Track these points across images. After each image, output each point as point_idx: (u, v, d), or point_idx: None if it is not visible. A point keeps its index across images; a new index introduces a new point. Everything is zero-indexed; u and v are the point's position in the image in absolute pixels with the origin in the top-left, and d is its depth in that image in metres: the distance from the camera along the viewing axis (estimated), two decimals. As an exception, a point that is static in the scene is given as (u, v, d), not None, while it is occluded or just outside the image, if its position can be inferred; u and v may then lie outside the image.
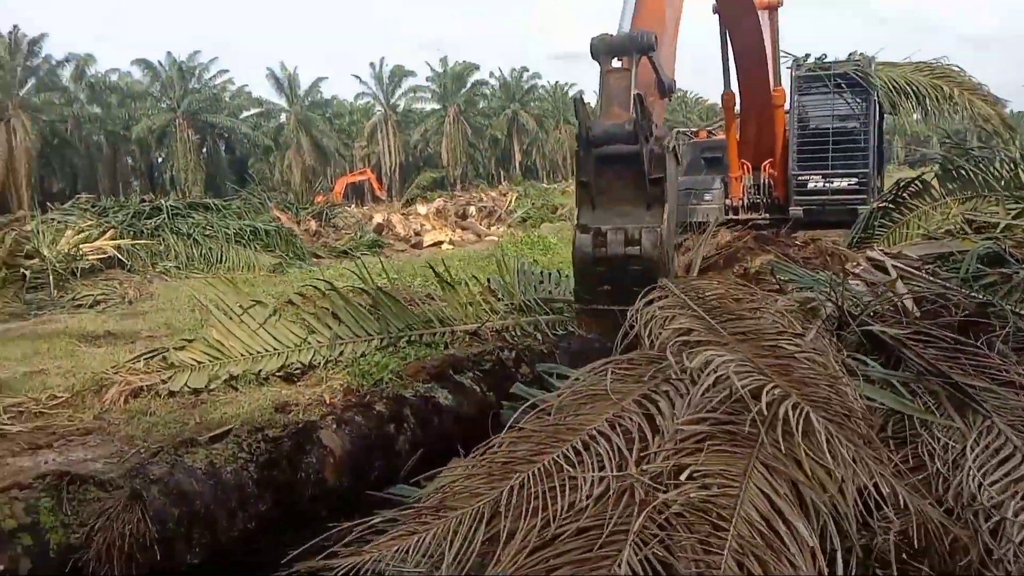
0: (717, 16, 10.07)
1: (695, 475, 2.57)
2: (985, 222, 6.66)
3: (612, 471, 2.67)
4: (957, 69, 11.01)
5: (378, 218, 24.86)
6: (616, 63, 4.78)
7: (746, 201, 11.46)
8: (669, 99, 5.25)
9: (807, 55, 11.11)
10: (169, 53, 62.85)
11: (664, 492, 2.55)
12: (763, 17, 9.73)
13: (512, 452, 2.93)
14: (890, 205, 8.81)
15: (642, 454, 2.79)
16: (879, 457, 2.78)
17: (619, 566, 2.28)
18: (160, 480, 2.81)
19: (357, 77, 76.48)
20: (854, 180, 10.46)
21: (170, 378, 6.34)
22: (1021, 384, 3.54)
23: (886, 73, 10.63)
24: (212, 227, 16.83)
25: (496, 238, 21.96)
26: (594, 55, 4.78)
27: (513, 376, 4.60)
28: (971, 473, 2.83)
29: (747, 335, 3.72)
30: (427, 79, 76.11)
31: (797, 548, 2.33)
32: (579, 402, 3.29)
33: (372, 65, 75.05)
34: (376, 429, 3.69)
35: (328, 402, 5.75)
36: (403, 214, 25.89)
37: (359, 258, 18.10)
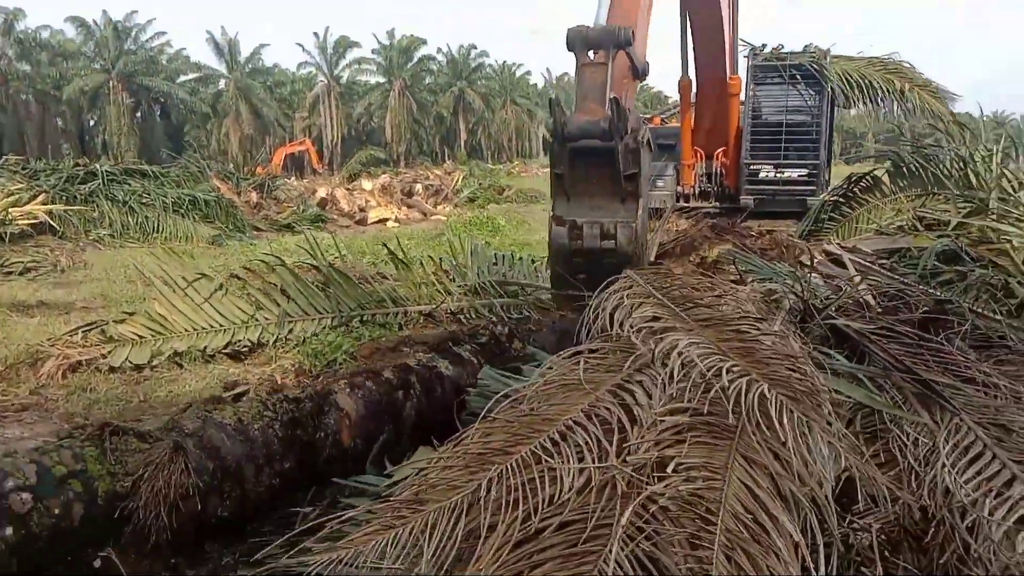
0: (679, 2, 10.04)
1: (679, 467, 2.52)
2: (936, 219, 6.79)
3: (593, 462, 2.61)
4: (908, 65, 11.26)
5: (322, 192, 24.37)
6: (592, 55, 4.73)
7: (697, 189, 11.52)
8: (642, 80, 5.19)
9: (764, 45, 11.18)
10: (104, 11, 60.50)
11: (647, 485, 2.50)
12: (723, 5, 9.75)
13: (487, 443, 2.84)
14: (841, 199, 8.95)
15: (622, 445, 2.74)
16: (853, 444, 2.82)
17: (606, 562, 2.22)
18: (194, 434, 2.91)
19: (300, 46, 75.09)
20: (805, 171, 10.60)
21: (110, 352, 6.09)
22: (983, 382, 3.60)
23: (841, 67, 10.78)
24: (149, 195, 16.26)
25: (443, 217, 21.76)
26: (570, 47, 4.73)
27: (507, 350, 4.65)
28: (945, 470, 2.85)
29: (711, 321, 3.73)
30: (373, 51, 74.92)
31: (783, 542, 2.30)
32: (553, 391, 3.22)
33: (316, 34, 73.40)
34: (386, 395, 3.74)
35: (279, 382, 5.59)
36: (348, 189, 25.42)
37: (304, 233, 17.83)
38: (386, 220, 21.17)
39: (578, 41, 4.65)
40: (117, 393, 5.36)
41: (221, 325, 6.61)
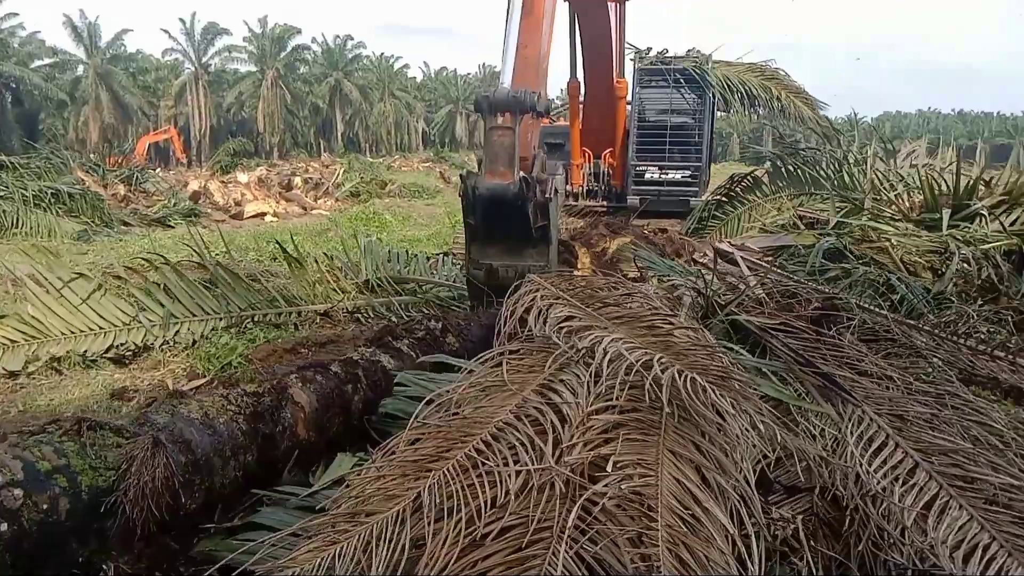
0: (567, 4, 10.17)
1: (616, 466, 2.55)
2: (815, 218, 7.15)
3: (530, 463, 2.61)
4: (784, 73, 11.83)
5: (194, 185, 23.38)
6: (499, 119, 4.87)
7: (585, 188, 11.73)
8: (546, 116, 5.45)
9: (649, 48, 11.49)
10: (-53, -9, 55.89)
11: (585, 485, 2.52)
12: (611, 9, 9.95)
13: (419, 449, 2.80)
14: (723, 198, 9.31)
15: (556, 445, 2.75)
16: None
17: (552, 565, 2.22)
18: (166, 428, 2.94)
19: (166, 31, 71.60)
20: (687, 172, 10.98)
21: (-21, 359, 5.62)
22: (877, 374, 3.82)
23: (721, 71, 11.19)
24: (7, 187, 15.11)
25: (324, 212, 21.25)
26: (478, 110, 4.91)
27: (442, 345, 4.64)
28: (855, 460, 3.01)
29: (624, 319, 3.81)
30: (244, 39, 72.36)
31: (718, 533, 2.34)
32: (478, 394, 3.21)
33: (182, 20, 70.17)
34: (336, 388, 3.80)
35: (171, 388, 5.32)
36: (222, 182, 24.47)
37: (184, 227, 17.04)
38: (264, 214, 20.48)
39: (485, 106, 4.81)
40: (-9, 403, 4.96)
41: (101, 328, 6.22)
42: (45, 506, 2.54)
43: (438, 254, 10.23)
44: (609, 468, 2.54)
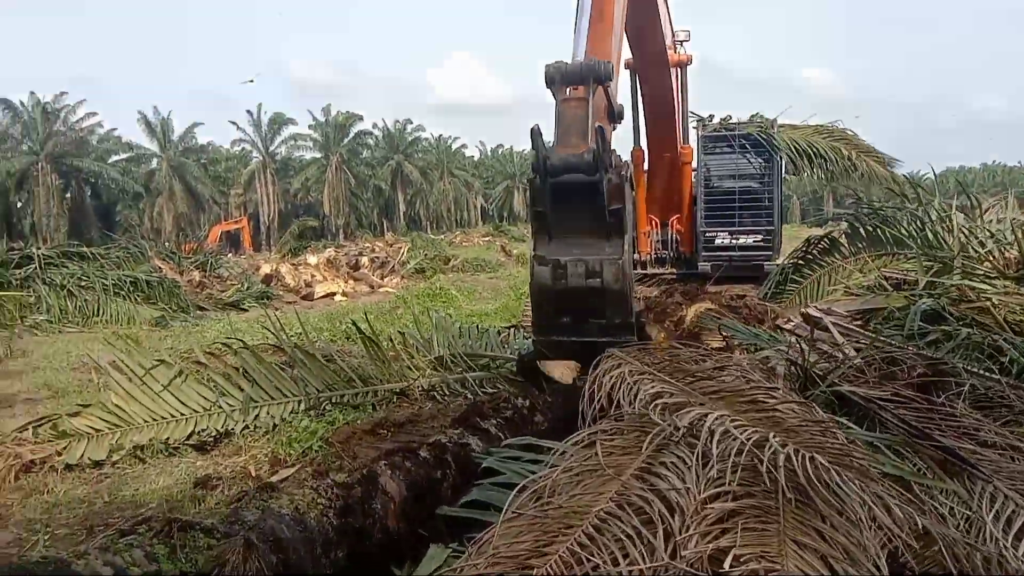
0: (630, 72, 10.26)
1: (740, 559, 2.36)
2: (902, 279, 6.87)
3: (642, 558, 2.43)
4: (852, 133, 11.68)
5: (266, 268, 23.95)
6: (570, 91, 4.63)
7: (653, 256, 11.61)
8: (617, 126, 5.15)
9: (711, 115, 11.47)
10: (32, 93, 59.41)
11: (707, 577, 2.34)
12: (673, 73, 9.99)
13: (517, 544, 2.63)
14: (800, 261, 9.07)
15: (667, 537, 2.57)
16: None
17: None
18: (256, 526, 2.87)
19: (234, 123, 74.31)
20: (759, 236, 10.78)
21: (65, 449, 5.67)
22: (1001, 444, 3.54)
23: (788, 135, 11.08)
24: (88, 277, 15.66)
25: (391, 290, 21.50)
26: (548, 83, 4.61)
27: (530, 423, 4.49)
28: (994, 541, 2.74)
29: (720, 393, 3.63)
30: (308, 127, 75.01)
31: None
32: (572, 480, 3.03)
33: (249, 112, 73.19)
34: (426, 475, 3.72)
35: (253, 475, 5.27)
36: (292, 264, 25.03)
37: (251, 310, 17.37)
38: (334, 294, 20.82)
39: (557, 76, 4.54)
40: (78, 494, 4.96)
41: (183, 414, 6.25)
42: None
43: (508, 327, 10.16)
44: (727, 564, 2.35)
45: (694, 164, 11.24)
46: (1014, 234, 6.38)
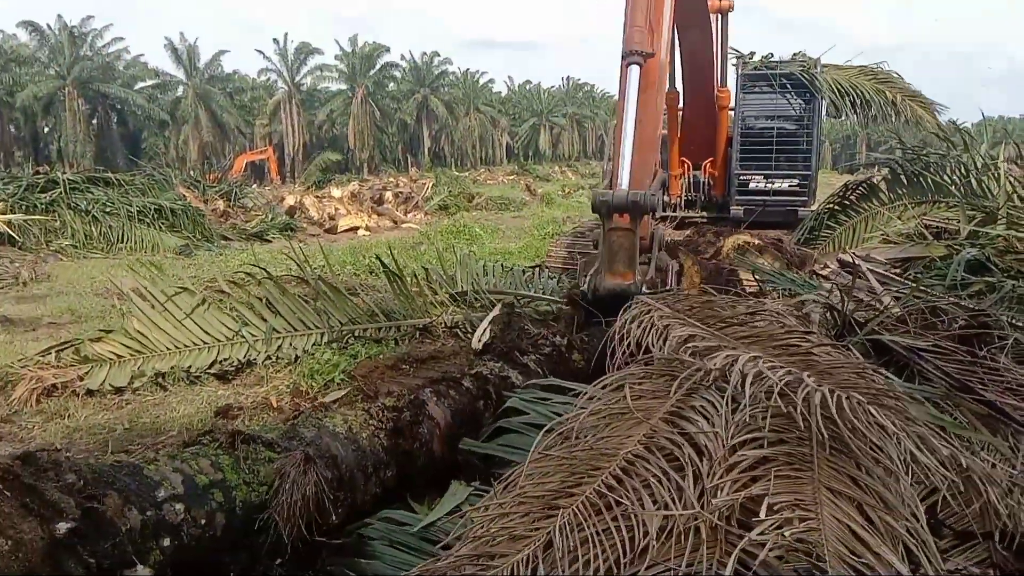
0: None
1: (773, 507, 2.25)
2: (943, 228, 6.65)
3: (671, 503, 2.34)
4: (897, 75, 11.18)
5: (290, 200, 23.84)
6: (618, 218, 4.83)
7: (683, 199, 11.34)
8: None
9: (752, 53, 11.05)
10: (59, 16, 59.05)
11: (738, 532, 2.24)
12: (713, 20, 9.60)
13: (543, 484, 2.57)
14: (836, 207, 8.81)
15: (695, 480, 2.47)
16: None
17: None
18: (312, 443, 2.94)
19: (260, 52, 73.92)
20: (795, 182, 10.46)
21: (87, 374, 5.67)
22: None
23: (831, 75, 10.67)
24: (113, 204, 15.65)
25: (415, 226, 21.37)
26: (595, 211, 4.86)
27: (568, 362, 4.54)
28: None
29: (752, 338, 3.46)
30: (335, 57, 74.13)
31: None
32: (600, 422, 2.94)
33: (276, 41, 72.38)
34: (469, 404, 3.79)
35: (275, 405, 5.24)
36: (317, 197, 24.90)
37: (275, 241, 17.36)
38: (357, 228, 20.71)
39: (604, 209, 4.72)
40: (99, 420, 4.96)
41: (205, 342, 6.22)
42: (203, 521, 2.54)
43: (532, 266, 10.03)
44: (763, 512, 2.24)
45: (731, 106, 10.87)
46: (1064, 185, 6.12)
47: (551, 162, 77.76)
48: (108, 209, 15.50)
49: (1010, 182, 6.87)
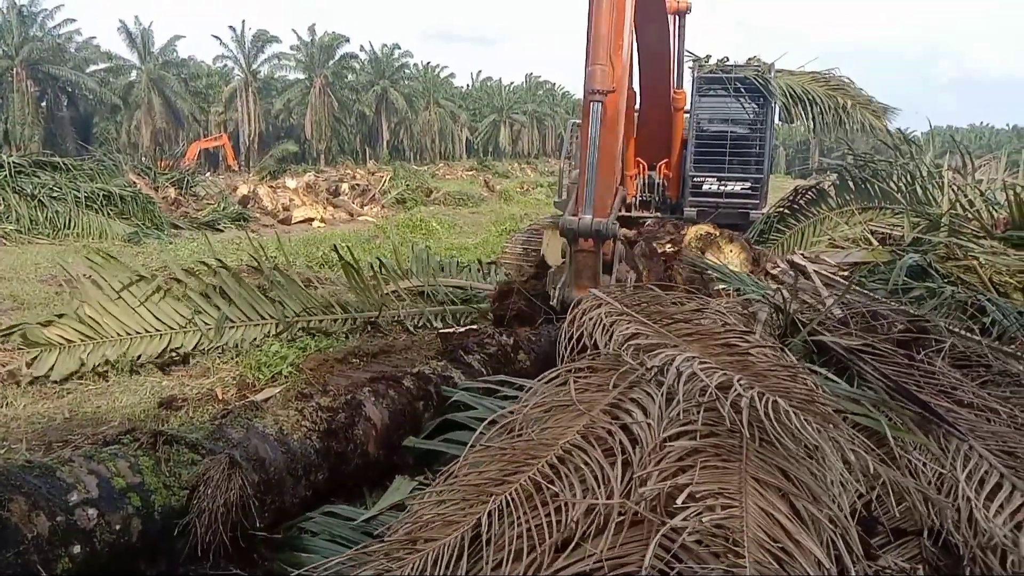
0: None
1: (696, 495, 2.29)
2: (887, 234, 6.81)
3: (598, 488, 2.39)
4: (848, 81, 11.41)
5: (243, 189, 23.52)
6: (583, 242, 5.32)
7: (638, 199, 11.41)
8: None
9: (708, 56, 11.17)
10: (7, -5, 57.26)
11: (662, 517, 2.30)
12: (671, 21, 9.65)
13: (483, 472, 2.61)
14: (786, 210, 8.96)
15: (626, 470, 2.51)
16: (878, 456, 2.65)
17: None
18: (240, 444, 2.85)
19: (217, 38, 72.48)
20: (747, 184, 10.56)
21: (35, 359, 5.53)
22: (979, 405, 3.50)
23: (784, 81, 10.83)
24: (60, 189, 15.27)
25: (371, 219, 21.22)
26: (563, 235, 5.35)
27: (513, 362, 4.54)
28: (969, 503, 2.71)
29: (695, 336, 3.51)
30: (292, 47, 73.16)
31: (812, 569, 2.11)
32: (543, 414, 2.98)
33: (233, 28, 71.14)
34: (408, 405, 3.69)
35: (220, 397, 5.18)
36: (271, 187, 24.58)
37: (226, 231, 17.10)
38: (311, 220, 20.49)
39: (570, 235, 5.25)
40: (38, 409, 4.84)
41: (157, 330, 6.11)
42: (118, 527, 2.44)
43: (489, 263, 10.03)
44: (680, 500, 2.29)
45: (687, 108, 10.96)
46: (1004, 195, 6.30)
47: (511, 159, 77.82)
48: (55, 194, 15.13)
49: (953, 190, 7.06)
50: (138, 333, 5.94)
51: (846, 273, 5.93)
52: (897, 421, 3.33)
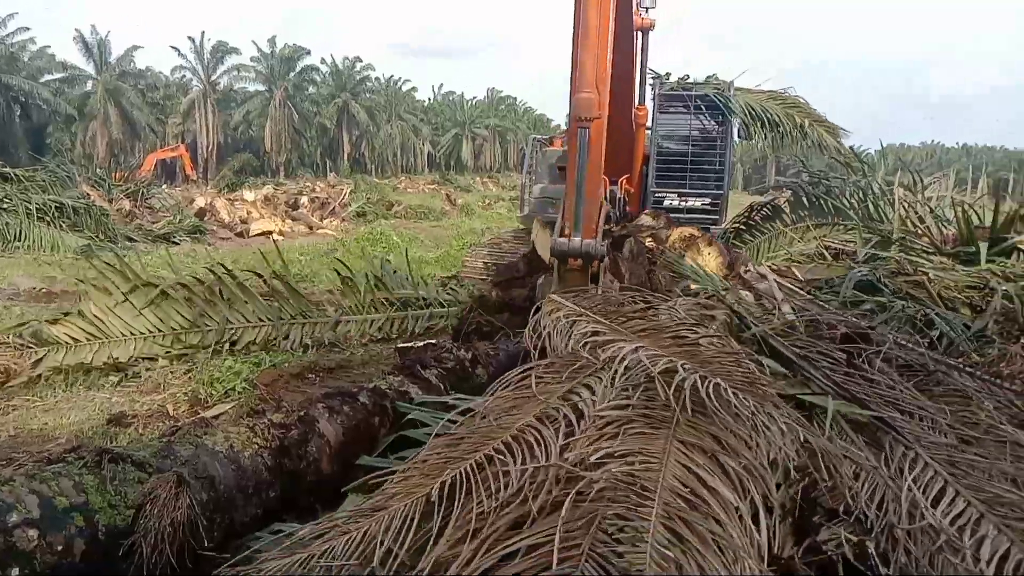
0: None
1: (616, 455, 2.53)
2: (840, 249, 6.93)
3: (542, 459, 2.59)
4: (803, 101, 11.59)
5: (200, 202, 23.23)
6: (572, 262, 5.50)
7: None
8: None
9: (668, 74, 11.31)
10: (-43, 2, 56.08)
11: (582, 474, 2.46)
12: (635, 38, 9.74)
13: (448, 454, 2.76)
14: (742, 227, 9.07)
15: (567, 441, 2.73)
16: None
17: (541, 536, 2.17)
18: (189, 462, 2.81)
19: (176, 49, 71.64)
20: (707, 200, 10.67)
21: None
22: (920, 415, 3.57)
23: (743, 98, 10.98)
24: (11, 200, 14.95)
25: (330, 232, 21.07)
26: (554, 255, 5.54)
27: (471, 376, 4.59)
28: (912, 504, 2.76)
29: (649, 331, 3.72)
30: (252, 59, 72.59)
31: (722, 509, 2.30)
32: (508, 405, 3.16)
33: (192, 39, 70.47)
34: (363, 421, 3.67)
35: (171, 413, 5.08)
36: (228, 199, 24.31)
37: (182, 244, 16.83)
38: (270, 233, 20.27)
39: (560, 255, 5.45)
40: (-19, 426, 4.70)
41: (115, 336, 6.04)
42: (60, 548, 2.39)
43: (449, 277, 10.01)
44: (594, 457, 2.51)
45: (648, 124, 11.07)
46: (953, 211, 6.46)
47: (473, 173, 77.82)
48: (5, 205, 14.83)
49: (904, 207, 7.21)
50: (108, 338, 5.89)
51: (801, 284, 6.04)
52: (843, 427, 3.42)
